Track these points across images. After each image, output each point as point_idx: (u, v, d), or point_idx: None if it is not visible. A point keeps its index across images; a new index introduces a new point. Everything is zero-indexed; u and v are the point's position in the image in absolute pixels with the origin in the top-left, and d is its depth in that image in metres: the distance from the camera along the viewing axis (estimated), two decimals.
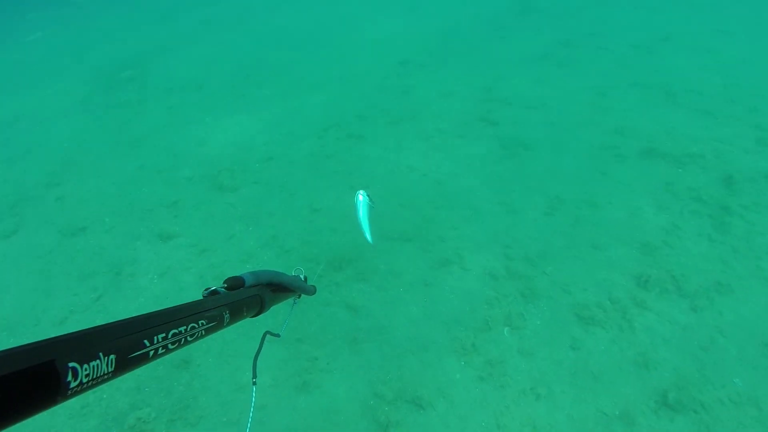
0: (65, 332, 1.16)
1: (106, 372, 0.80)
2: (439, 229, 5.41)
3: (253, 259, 5.26)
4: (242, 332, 4.44)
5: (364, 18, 12.96)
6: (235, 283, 1.48)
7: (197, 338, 1.12)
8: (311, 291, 2.09)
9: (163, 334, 0.98)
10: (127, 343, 0.88)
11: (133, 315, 0.96)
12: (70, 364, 0.72)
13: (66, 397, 0.72)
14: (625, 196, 5.64)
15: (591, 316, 4.28)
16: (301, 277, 2.00)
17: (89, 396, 4.12)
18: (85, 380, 0.75)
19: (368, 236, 3.78)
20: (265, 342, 1.90)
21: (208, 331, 1.17)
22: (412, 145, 6.90)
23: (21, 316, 5.09)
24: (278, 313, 2.47)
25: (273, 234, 5.54)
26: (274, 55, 11.02)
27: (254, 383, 1.84)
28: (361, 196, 3.78)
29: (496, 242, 5.18)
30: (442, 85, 8.48)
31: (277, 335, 1.96)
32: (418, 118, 7.52)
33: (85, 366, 0.75)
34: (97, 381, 0.78)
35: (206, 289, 1.36)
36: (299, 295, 2.01)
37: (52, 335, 1.39)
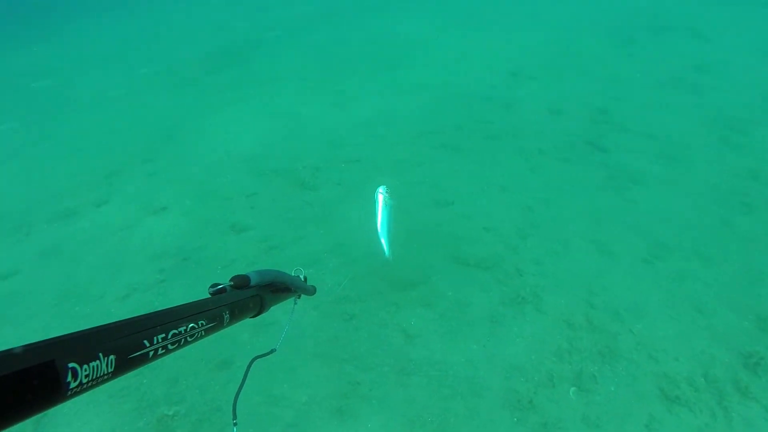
0: (126, 309, 2.00)
1: (105, 372, 0.80)
2: (520, 260, 4.97)
3: (318, 263, 5.14)
4: (290, 346, 4.34)
5: (478, 23, 12.43)
6: (241, 282, 1.49)
7: (197, 338, 1.12)
8: (311, 291, 2.06)
9: (163, 335, 0.99)
10: (127, 343, 0.89)
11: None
12: (70, 365, 0.73)
13: (66, 398, 0.72)
14: (748, 254, 4.85)
15: (678, 394, 3.66)
16: (301, 277, 1.96)
17: (129, 380, 4.21)
18: (84, 381, 0.75)
19: (385, 246, 3.11)
20: (283, 352, 1.95)
21: (208, 331, 1.17)
22: (508, 162, 6.46)
23: (87, 289, 5.34)
24: (278, 312, 2.28)
25: (341, 241, 5.38)
26: (376, 52, 10.89)
27: (234, 424, 1.75)
28: (381, 194, 3.08)
29: (581, 286, 4.65)
30: (551, 101, 7.88)
31: (272, 351, 1.95)
32: (520, 135, 7.03)
33: (85, 366, 0.75)
34: (97, 381, 0.79)
35: (212, 286, 1.39)
36: (299, 296, 1.97)
37: (113, 310, 2.72)
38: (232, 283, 1.47)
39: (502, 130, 7.18)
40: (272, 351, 1.98)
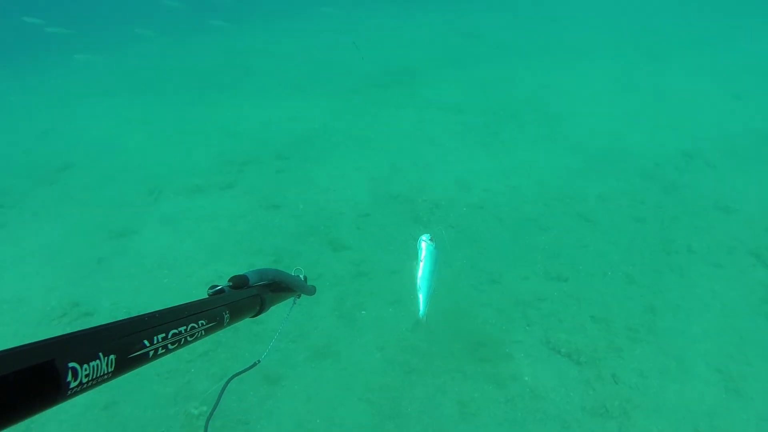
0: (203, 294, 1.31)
1: (106, 372, 0.81)
2: (620, 366, 4.29)
3: (400, 303, 4.95)
4: (341, 381, 4.20)
5: (657, 87, 11.08)
6: (239, 282, 1.48)
7: (197, 338, 1.12)
8: (311, 291, 2.05)
9: (163, 334, 0.99)
10: (127, 343, 0.89)
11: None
12: (70, 364, 0.73)
13: (66, 397, 0.72)
14: None
15: None
16: (301, 277, 1.95)
17: (180, 363, 4.36)
18: (85, 380, 0.75)
19: (421, 303, 2.63)
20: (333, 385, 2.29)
21: (208, 331, 1.17)
22: (646, 251, 5.67)
23: (181, 265, 5.67)
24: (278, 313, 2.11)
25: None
26: (539, 100, 10.28)
27: None
28: (424, 243, 2.65)
29: (686, 420, 3.88)
30: (722, 195, 6.77)
31: (257, 362, 1.97)
32: (670, 226, 6.14)
33: (85, 366, 0.76)
34: (97, 381, 0.79)
35: (211, 287, 1.38)
36: (299, 296, 1.96)
37: (194, 292, 2.24)
38: (230, 283, 1.46)
39: (651, 213, 6.34)
40: (256, 363, 1.98)
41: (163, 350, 0.99)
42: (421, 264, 2.66)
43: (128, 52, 15.71)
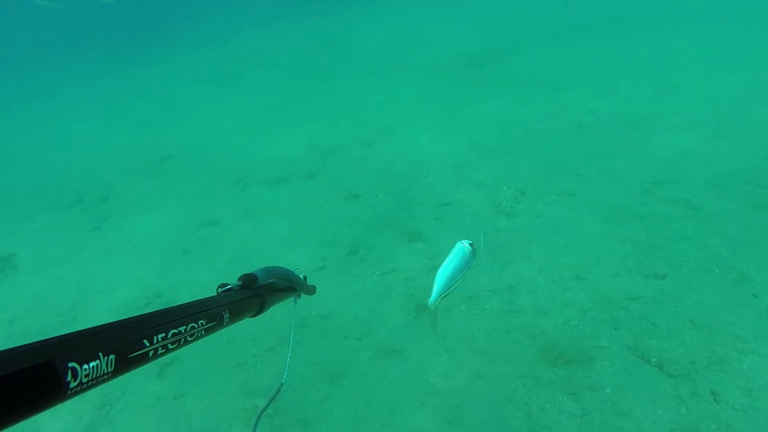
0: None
1: (105, 372, 0.81)
2: (725, 381, 3.68)
3: (475, 300, 4.66)
4: (407, 383, 4.05)
5: None
6: (249, 280, 1.51)
7: (197, 338, 1.13)
8: (311, 291, 2.07)
9: (163, 334, 1.00)
10: (126, 343, 0.89)
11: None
12: (70, 364, 0.73)
13: (66, 397, 0.73)
14: None
15: None
16: (301, 276, 1.96)
17: (246, 357, 4.40)
18: (84, 380, 0.76)
19: (434, 291, 2.52)
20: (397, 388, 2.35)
21: (208, 330, 1.18)
22: (760, 247, 4.88)
23: (256, 255, 5.77)
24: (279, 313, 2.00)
25: (512, 284, 4.76)
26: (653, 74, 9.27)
27: None
28: (463, 244, 2.54)
29: None
30: None
31: (279, 386, 2.00)
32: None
33: (85, 366, 0.76)
34: (96, 381, 0.79)
35: (220, 286, 1.43)
36: (299, 295, 1.98)
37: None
38: (240, 282, 1.49)
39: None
40: (279, 389, 2.02)
41: (163, 350, 1.00)
42: (449, 259, 2.55)
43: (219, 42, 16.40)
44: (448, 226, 5.80)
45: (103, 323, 0.88)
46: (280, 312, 4.18)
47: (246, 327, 4.83)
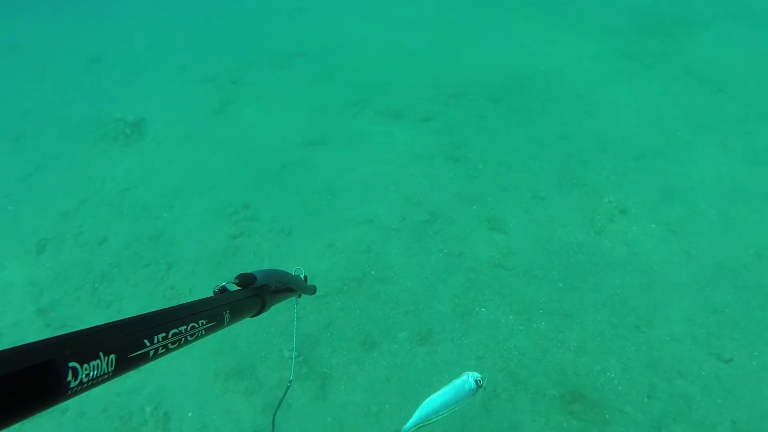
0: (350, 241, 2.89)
1: (106, 371, 0.83)
2: None
3: (521, 314, 4.69)
4: (426, 378, 4.29)
5: None
6: (246, 280, 1.52)
7: (197, 338, 1.15)
8: (311, 291, 2.10)
9: (164, 334, 1.01)
10: (127, 342, 0.91)
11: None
12: (70, 364, 0.74)
13: (66, 397, 0.75)
14: None
15: None
16: (302, 276, 2.00)
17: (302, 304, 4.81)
18: (85, 380, 0.77)
19: (411, 422, 2.46)
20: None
21: (208, 330, 1.20)
22: None
23: (340, 202, 6.04)
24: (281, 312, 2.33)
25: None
26: None
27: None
28: (468, 377, 2.45)
29: None
30: None
31: (289, 383, 2.24)
32: None
33: (85, 366, 0.77)
34: (97, 380, 0.81)
35: (217, 286, 1.44)
36: (299, 295, 2.00)
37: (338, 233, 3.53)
38: (237, 281, 1.52)
39: None
40: (288, 385, 2.29)
41: (164, 350, 1.01)
42: (444, 389, 2.49)
43: None
44: (534, 223, 5.65)
45: (103, 323, 0.89)
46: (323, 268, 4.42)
47: (309, 264, 5.27)
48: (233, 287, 1.50)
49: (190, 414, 4.33)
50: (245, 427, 4.20)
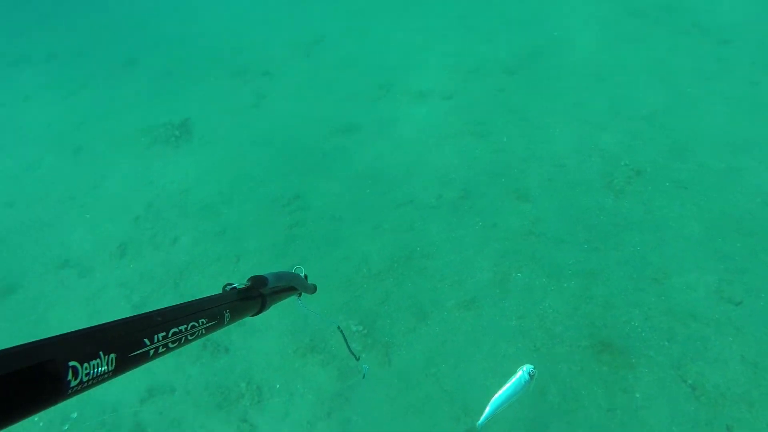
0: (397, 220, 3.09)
1: (106, 371, 0.82)
2: None
3: (552, 277, 5.35)
4: (474, 338, 4.99)
5: None
6: (258, 282, 1.57)
7: (197, 337, 1.16)
8: (311, 290, 2.15)
9: (164, 333, 1.02)
10: (127, 342, 0.91)
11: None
12: (71, 363, 0.74)
13: (66, 396, 0.74)
14: None
15: None
16: (302, 275, 2.04)
17: (357, 278, 5.53)
18: (85, 379, 0.77)
19: (485, 414, 3.08)
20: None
21: (209, 329, 1.21)
22: None
23: (379, 186, 6.55)
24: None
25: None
26: None
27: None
28: (524, 371, 3.07)
29: None
30: None
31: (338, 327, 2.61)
32: None
33: (86, 365, 0.77)
34: (97, 380, 0.81)
35: (227, 285, 1.47)
36: (300, 294, 2.03)
37: (377, 214, 3.73)
38: (249, 283, 1.56)
39: None
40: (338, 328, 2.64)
41: (164, 349, 1.02)
42: (507, 385, 3.20)
43: None
44: (557, 191, 6.22)
45: (103, 323, 0.90)
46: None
47: (361, 247, 5.97)
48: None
49: (278, 386, 5.14)
50: (326, 391, 5.00)
